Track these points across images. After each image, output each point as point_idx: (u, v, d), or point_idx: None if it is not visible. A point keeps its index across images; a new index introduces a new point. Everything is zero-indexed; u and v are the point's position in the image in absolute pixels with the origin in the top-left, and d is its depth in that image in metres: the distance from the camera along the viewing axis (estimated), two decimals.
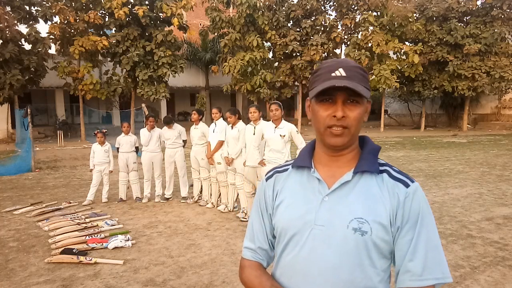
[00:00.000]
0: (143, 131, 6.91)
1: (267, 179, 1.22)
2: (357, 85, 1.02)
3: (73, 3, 18.72)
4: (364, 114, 1.09)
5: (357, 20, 21.41)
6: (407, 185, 1.06)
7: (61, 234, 4.98)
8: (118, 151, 6.99)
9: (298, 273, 1.07)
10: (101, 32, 20.12)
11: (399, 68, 21.74)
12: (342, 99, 1.04)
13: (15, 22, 17.43)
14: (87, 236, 4.88)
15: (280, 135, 5.17)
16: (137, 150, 7.11)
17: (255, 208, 1.23)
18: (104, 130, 7.10)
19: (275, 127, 5.23)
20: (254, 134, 5.51)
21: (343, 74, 1.03)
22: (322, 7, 22.51)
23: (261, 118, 5.69)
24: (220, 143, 6.12)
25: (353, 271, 1.02)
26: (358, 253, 1.02)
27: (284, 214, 1.12)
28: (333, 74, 1.04)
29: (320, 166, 1.13)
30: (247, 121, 5.81)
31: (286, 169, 1.20)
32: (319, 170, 1.12)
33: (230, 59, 20.93)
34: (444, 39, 21.69)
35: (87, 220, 5.61)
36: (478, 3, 21.96)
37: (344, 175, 1.08)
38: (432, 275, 1.02)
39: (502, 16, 21.20)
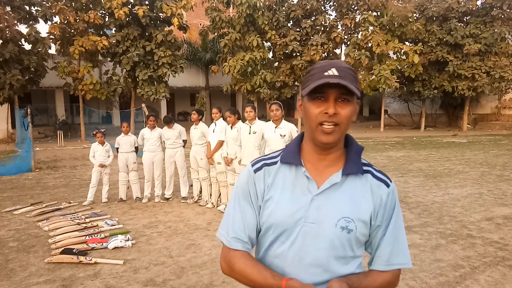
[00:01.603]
0: (144, 131, 6.91)
1: (255, 171, 1.22)
2: (349, 83, 1.07)
3: (73, 3, 18.72)
4: (354, 114, 1.13)
5: (357, 20, 21.40)
6: (388, 185, 1.18)
7: (61, 234, 4.98)
8: (117, 151, 6.98)
9: (290, 264, 1.15)
10: (101, 32, 20.12)
11: (399, 68, 21.73)
12: (334, 96, 1.09)
13: (15, 22, 17.43)
14: (87, 236, 4.88)
15: (281, 135, 5.19)
16: (137, 150, 7.11)
17: (243, 197, 1.22)
18: (103, 130, 7.09)
19: (276, 127, 5.26)
20: (249, 133, 5.53)
21: (336, 73, 1.08)
22: (322, 7, 22.49)
23: (257, 118, 5.72)
24: (220, 143, 6.12)
25: (338, 262, 1.15)
26: (344, 247, 1.14)
27: (274, 211, 1.16)
28: (326, 73, 1.08)
29: (308, 164, 1.18)
30: (244, 121, 5.83)
31: (275, 162, 1.22)
32: (307, 168, 1.17)
33: (230, 59, 20.92)
34: (444, 39, 21.69)
35: (87, 220, 5.61)
36: (478, 3, 21.96)
37: (333, 175, 1.15)
38: (397, 261, 1.18)
39: (502, 16, 21.18)
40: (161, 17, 20.23)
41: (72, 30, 18.95)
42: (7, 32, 16.88)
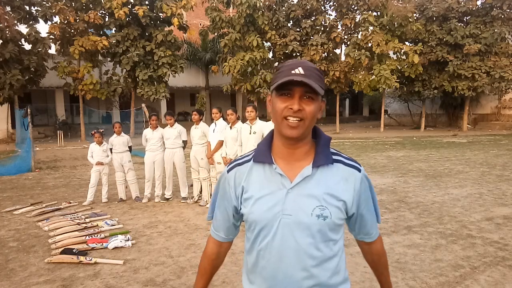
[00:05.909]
0: (147, 131, 6.92)
1: (228, 171, 1.32)
2: (313, 82, 1.12)
3: (73, 3, 18.73)
4: (318, 111, 1.20)
5: (357, 20, 21.40)
6: (359, 170, 1.26)
7: (61, 234, 4.98)
8: (111, 152, 6.98)
9: (275, 255, 1.22)
10: (101, 32, 20.13)
11: (399, 68, 21.72)
12: (299, 94, 1.15)
13: (15, 22, 17.44)
14: (87, 236, 4.88)
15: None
16: (131, 149, 7.12)
17: (219, 197, 1.37)
18: (101, 130, 7.09)
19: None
20: (250, 133, 5.53)
21: (302, 72, 1.13)
22: (322, 7, 22.50)
23: (258, 118, 5.72)
24: (220, 143, 6.12)
25: (319, 247, 1.21)
26: (322, 233, 1.20)
27: (254, 208, 1.24)
28: (293, 72, 1.14)
29: (279, 160, 1.24)
30: (245, 120, 5.83)
31: (247, 162, 1.29)
32: (279, 163, 1.23)
33: (230, 59, 20.92)
34: (444, 39, 21.68)
35: (87, 220, 5.61)
36: (478, 3, 21.95)
37: (304, 169, 1.21)
38: (377, 225, 1.36)
39: (502, 16, 21.18)
40: (161, 17, 20.25)
41: (72, 30, 18.96)
42: (7, 32, 16.89)
